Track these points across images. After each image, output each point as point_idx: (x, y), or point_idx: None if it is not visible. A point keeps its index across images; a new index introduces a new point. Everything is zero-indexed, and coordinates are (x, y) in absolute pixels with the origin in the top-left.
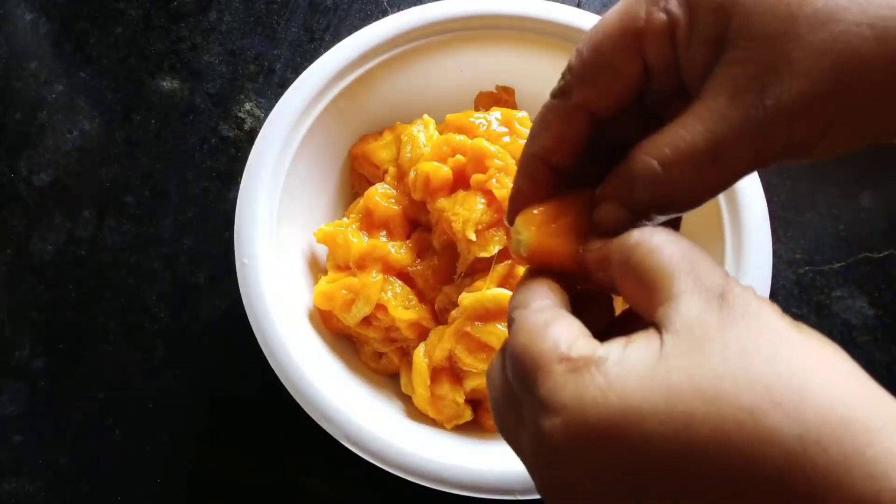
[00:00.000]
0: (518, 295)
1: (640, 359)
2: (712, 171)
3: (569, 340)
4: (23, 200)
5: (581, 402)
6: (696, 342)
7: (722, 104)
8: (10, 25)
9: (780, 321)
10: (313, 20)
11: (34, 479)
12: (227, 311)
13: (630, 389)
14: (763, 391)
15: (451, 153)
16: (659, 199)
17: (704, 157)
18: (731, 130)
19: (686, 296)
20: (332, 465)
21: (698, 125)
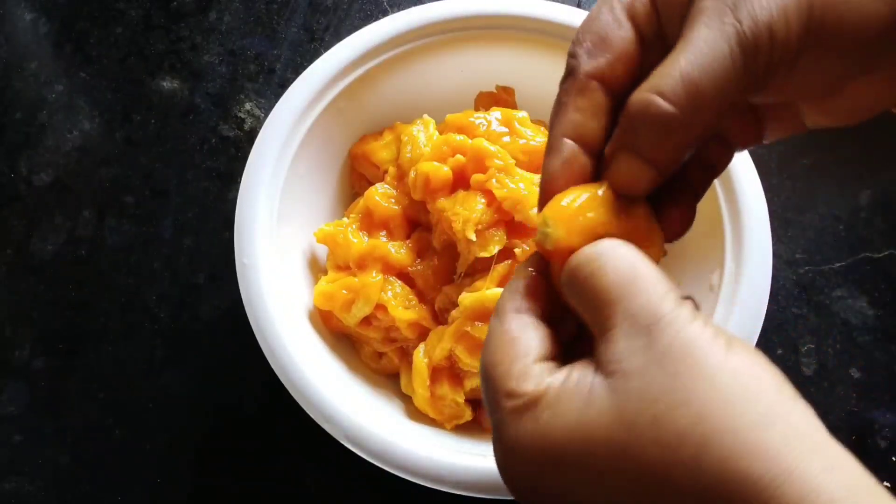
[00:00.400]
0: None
1: (570, 404)
2: (707, 95)
3: (522, 369)
4: (23, 200)
5: (515, 440)
6: (619, 385)
7: (702, 32)
8: (10, 25)
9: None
10: (313, 20)
11: (34, 478)
12: (227, 311)
13: (556, 438)
14: (667, 447)
15: (451, 153)
16: (664, 134)
17: (696, 81)
18: (714, 52)
19: (618, 329)
20: (332, 465)
21: (684, 55)
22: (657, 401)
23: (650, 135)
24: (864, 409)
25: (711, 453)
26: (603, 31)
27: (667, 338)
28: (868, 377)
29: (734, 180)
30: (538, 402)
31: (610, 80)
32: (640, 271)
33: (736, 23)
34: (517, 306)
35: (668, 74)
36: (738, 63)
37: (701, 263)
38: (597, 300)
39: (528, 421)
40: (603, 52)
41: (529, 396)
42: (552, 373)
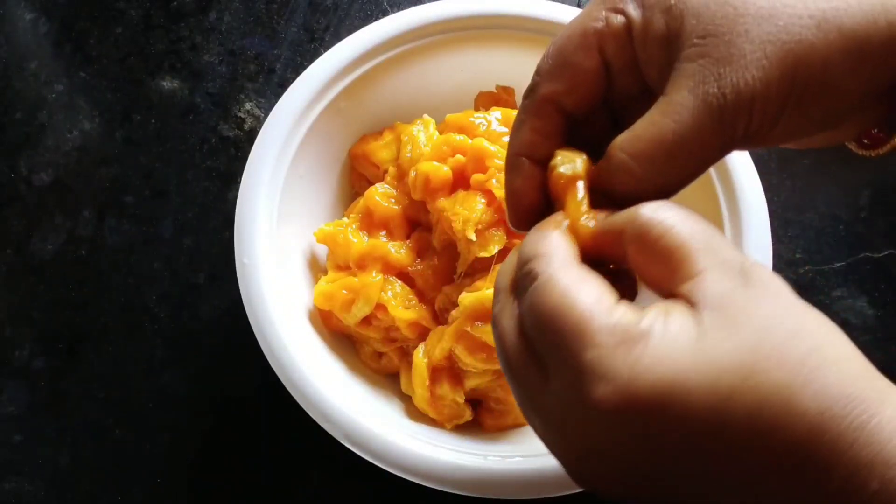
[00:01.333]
0: (536, 243)
1: (683, 334)
2: (681, 159)
3: (607, 307)
4: (23, 200)
5: (632, 372)
6: (730, 318)
7: (684, 97)
8: (10, 25)
9: (794, 298)
10: (313, 20)
11: (34, 478)
12: (227, 311)
13: (679, 365)
14: (793, 370)
15: (451, 153)
16: (634, 190)
17: (673, 147)
18: (694, 120)
19: (710, 272)
20: (332, 465)
21: (664, 118)
22: (773, 329)
23: (624, 189)
24: None
25: (828, 377)
26: (568, 56)
27: (763, 277)
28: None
29: (734, 180)
30: (650, 335)
31: (567, 103)
32: (709, 225)
33: (720, 95)
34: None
35: (648, 139)
36: (717, 134)
37: None
38: (678, 251)
39: (647, 351)
40: (563, 78)
41: (637, 330)
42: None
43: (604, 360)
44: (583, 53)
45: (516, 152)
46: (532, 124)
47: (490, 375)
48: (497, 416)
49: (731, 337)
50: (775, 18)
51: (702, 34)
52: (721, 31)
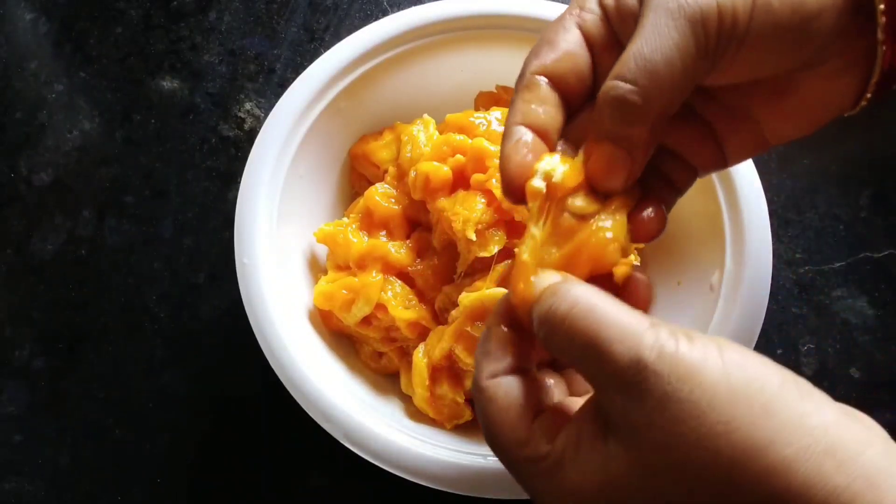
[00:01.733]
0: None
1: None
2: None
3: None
4: (23, 200)
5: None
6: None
7: (652, 19)
8: (10, 25)
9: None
10: (313, 20)
11: (34, 478)
12: (227, 311)
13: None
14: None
15: (451, 153)
16: (629, 113)
17: (652, 60)
18: (666, 30)
19: (607, 392)
20: (332, 465)
21: (640, 40)
22: (673, 447)
23: (617, 116)
24: (865, 409)
25: (737, 480)
26: (550, 37)
27: (659, 383)
28: (868, 377)
29: (734, 180)
30: (561, 463)
31: (554, 75)
32: (601, 321)
33: (684, 4)
34: (491, 371)
35: (625, 61)
36: (688, 39)
37: (701, 263)
38: (574, 359)
39: (561, 480)
40: (547, 53)
41: (551, 458)
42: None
43: (531, 484)
44: (563, 31)
45: (513, 122)
46: (523, 97)
47: None
48: None
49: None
50: None
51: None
52: None
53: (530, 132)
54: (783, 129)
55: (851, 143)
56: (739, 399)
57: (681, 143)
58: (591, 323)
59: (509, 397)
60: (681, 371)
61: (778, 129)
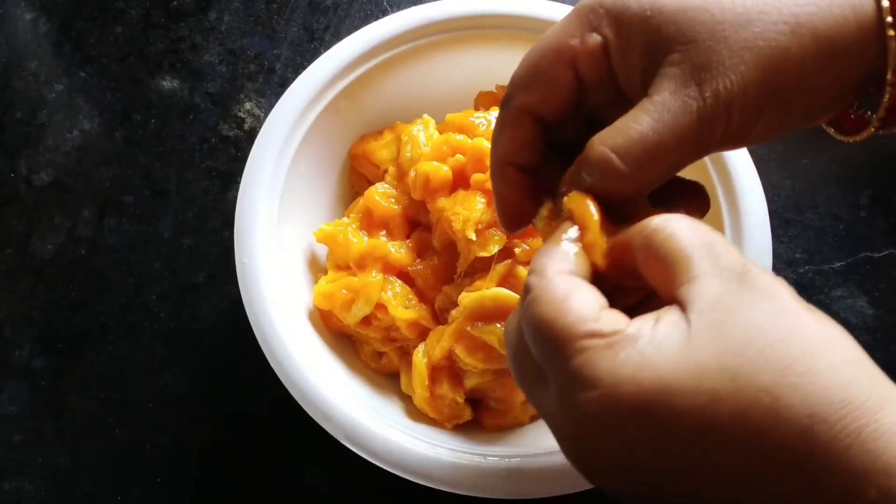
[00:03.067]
0: (537, 259)
1: (669, 337)
2: (659, 156)
3: (594, 313)
4: (23, 200)
5: (617, 377)
6: (719, 321)
7: (666, 98)
8: (9, 25)
9: (794, 302)
10: (313, 20)
11: (34, 478)
12: (227, 310)
13: (662, 367)
14: (780, 373)
15: (451, 153)
16: (611, 184)
17: (652, 144)
18: (675, 120)
19: (706, 276)
20: (332, 465)
21: (646, 117)
22: (763, 332)
23: (601, 184)
24: None
25: (818, 381)
26: (542, 69)
27: (761, 282)
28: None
29: (734, 180)
30: (636, 338)
31: (541, 113)
32: (714, 233)
33: (699, 98)
34: (560, 260)
35: (628, 134)
36: (694, 135)
37: None
38: (678, 255)
39: (631, 354)
40: (537, 90)
41: (623, 334)
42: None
43: (590, 365)
44: (557, 68)
45: (499, 161)
46: (510, 134)
47: (490, 375)
48: (497, 416)
49: (718, 340)
50: (752, 24)
51: (682, 41)
52: (701, 38)
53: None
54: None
55: (851, 144)
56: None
57: None
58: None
59: (582, 287)
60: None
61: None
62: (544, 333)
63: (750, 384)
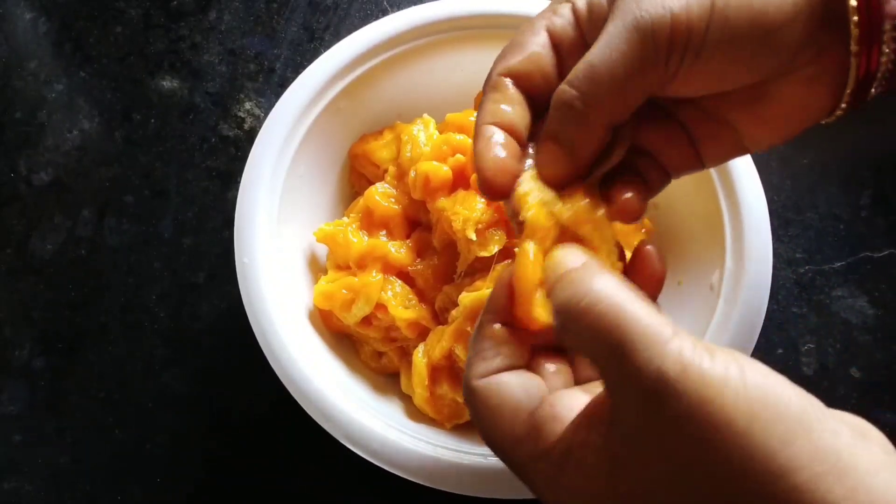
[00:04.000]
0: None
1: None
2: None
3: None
4: (22, 200)
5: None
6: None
7: (609, 27)
8: (9, 25)
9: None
10: (313, 19)
11: (34, 478)
12: (227, 310)
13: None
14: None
15: (451, 152)
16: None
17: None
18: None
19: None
20: (332, 465)
21: (594, 48)
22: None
23: (560, 119)
24: (864, 409)
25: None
26: (518, 39)
27: (679, 403)
28: (868, 377)
29: (734, 180)
30: (566, 461)
31: (520, 76)
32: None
33: (639, 15)
34: (482, 371)
35: (576, 67)
36: (634, 50)
37: (701, 263)
38: (592, 355)
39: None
40: (514, 55)
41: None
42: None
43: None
44: (532, 34)
45: (482, 121)
46: (491, 97)
47: None
48: None
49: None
50: None
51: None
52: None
53: (501, 131)
54: (760, 135)
55: (851, 143)
56: (757, 424)
57: (654, 144)
58: (616, 323)
59: (502, 395)
60: (700, 390)
61: (755, 136)
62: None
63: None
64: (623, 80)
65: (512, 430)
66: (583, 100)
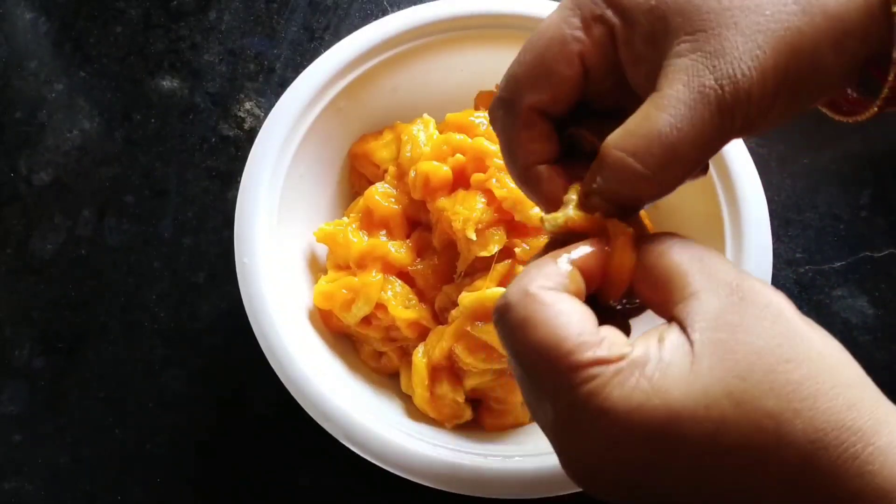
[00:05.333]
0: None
1: (674, 361)
2: (680, 154)
3: (594, 336)
4: (22, 200)
5: (628, 407)
6: (721, 342)
7: (679, 91)
8: (9, 25)
9: (796, 318)
10: (313, 19)
11: (34, 478)
12: (227, 310)
13: (671, 395)
14: (784, 398)
15: (451, 152)
16: (632, 189)
17: (673, 142)
18: (692, 113)
19: (704, 293)
20: (332, 465)
21: (662, 113)
22: (767, 354)
23: (621, 190)
24: None
25: (820, 405)
26: (549, 65)
27: (761, 297)
28: (868, 377)
29: (734, 180)
30: (643, 363)
31: (552, 111)
32: (706, 249)
33: (717, 87)
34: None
35: (644, 135)
36: (715, 127)
37: None
38: (672, 273)
39: (640, 382)
40: (546, 87)
41: (632, 359)
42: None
43: (599, 395)
44: (564, 63)
45: (530, 162)
46: (527, 135)
47: (490, 375)
48: (497, 416)
49: (723, 363)
50: (762, 8)
51: (690, 30)
52: (710, 26)
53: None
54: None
55: (851, 143)
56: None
57: None
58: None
59: (572, 303)
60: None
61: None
62: (542, 362)
63: (755, 409)
64: (701, 157)
65: (581, 335)
66: (655, 178)
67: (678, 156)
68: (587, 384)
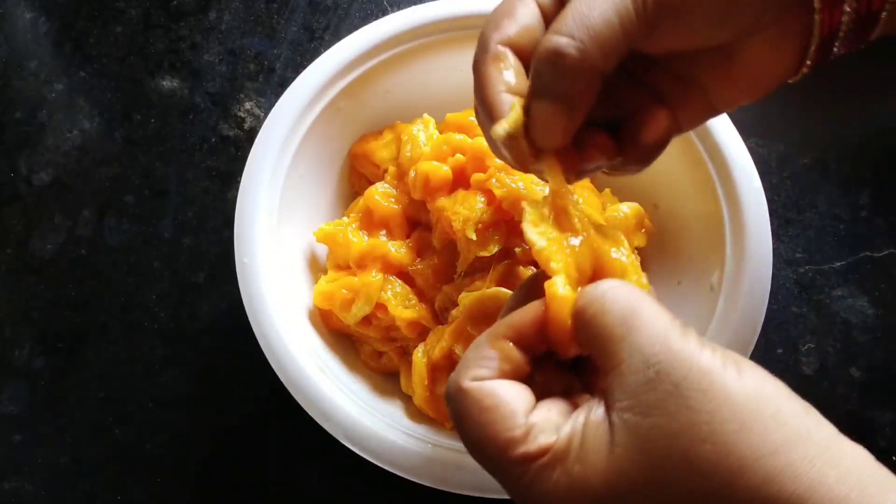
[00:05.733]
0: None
1: (594, 448)
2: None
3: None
4: (23, 200)
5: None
6: (637, 425)
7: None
8: (9, 25)
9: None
10: (313, 19)
11: (34, 478)
12: (227, 310)
13: (590, 483)
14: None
15: (451, 152)
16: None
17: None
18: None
19: (625, 366)
20: (332, 464)
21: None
22: (681, 436)
23: (556, 74)
24: (864, 408)
25: (742, 482)
26: (508, 8)
27: (681, 370)
28: (868, 377)
29: (734, 180)
30: (566, 455)
31: (516, 47)
32: (641, 307)
33: None
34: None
35: (564, 17)
36: (626, 2)
37: (701, 263)
38: (603, 337)
39: (562, 476)
40: (509, 25)
41: (554, 451)
42: (559, 421)
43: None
44: (521, 5)
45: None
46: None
47: None
48: None
49: (640, 447)
50: None
51: None
52: None
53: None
54: (730, 95)
55: (851, 142)
56: (752, 407)
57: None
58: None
59: (498, 397)
60: (703, 368)
61: (725, 96)
62: (477, 454)
63: (678, 493)
64: (618, 29)
65: (507, 431)
66: (578, 47)
67: (597, 26)
68: (520, 479)
